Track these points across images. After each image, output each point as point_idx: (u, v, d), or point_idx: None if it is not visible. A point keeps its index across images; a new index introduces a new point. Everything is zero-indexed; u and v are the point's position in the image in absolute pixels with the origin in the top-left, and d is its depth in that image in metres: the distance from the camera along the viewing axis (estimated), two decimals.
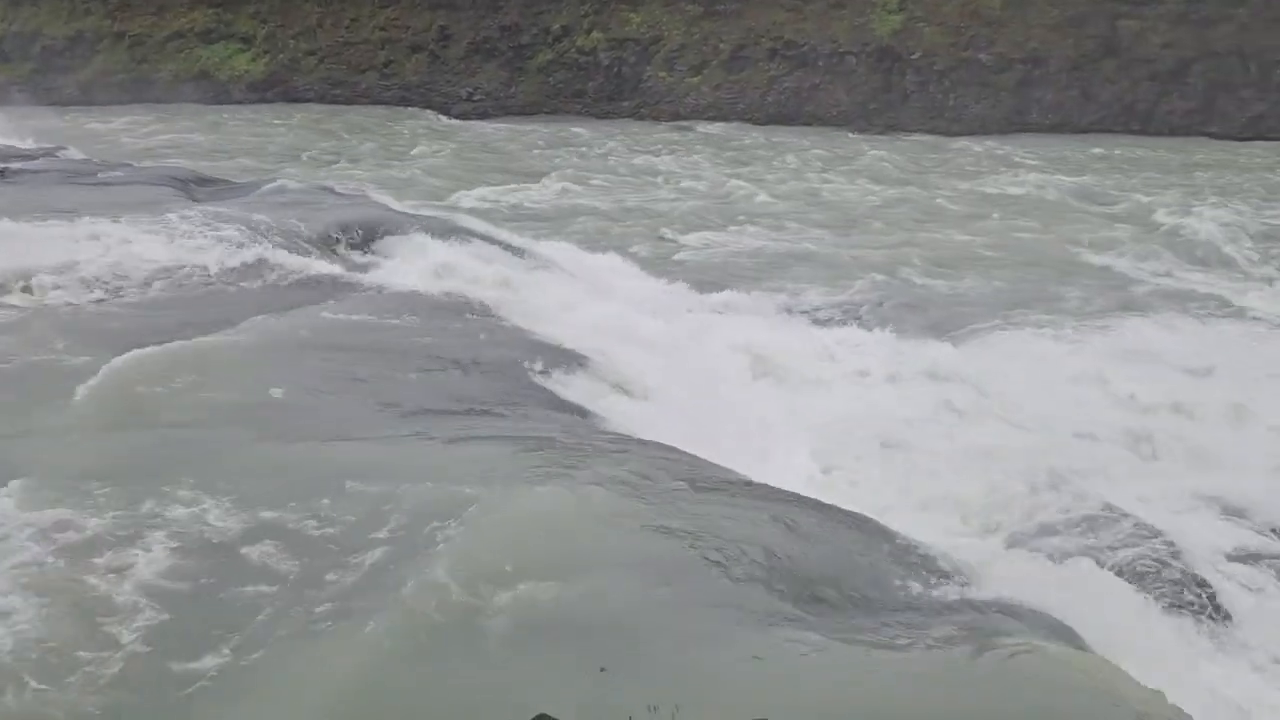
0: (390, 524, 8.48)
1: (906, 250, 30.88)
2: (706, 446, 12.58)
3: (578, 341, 16.79)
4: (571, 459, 10.13)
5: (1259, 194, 37.30)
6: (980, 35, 50.46)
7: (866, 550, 9.29)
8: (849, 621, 7.32)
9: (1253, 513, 16.04)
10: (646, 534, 8.32)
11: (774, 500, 10.04)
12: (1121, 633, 9.14)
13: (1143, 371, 21.69)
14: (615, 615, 7.02)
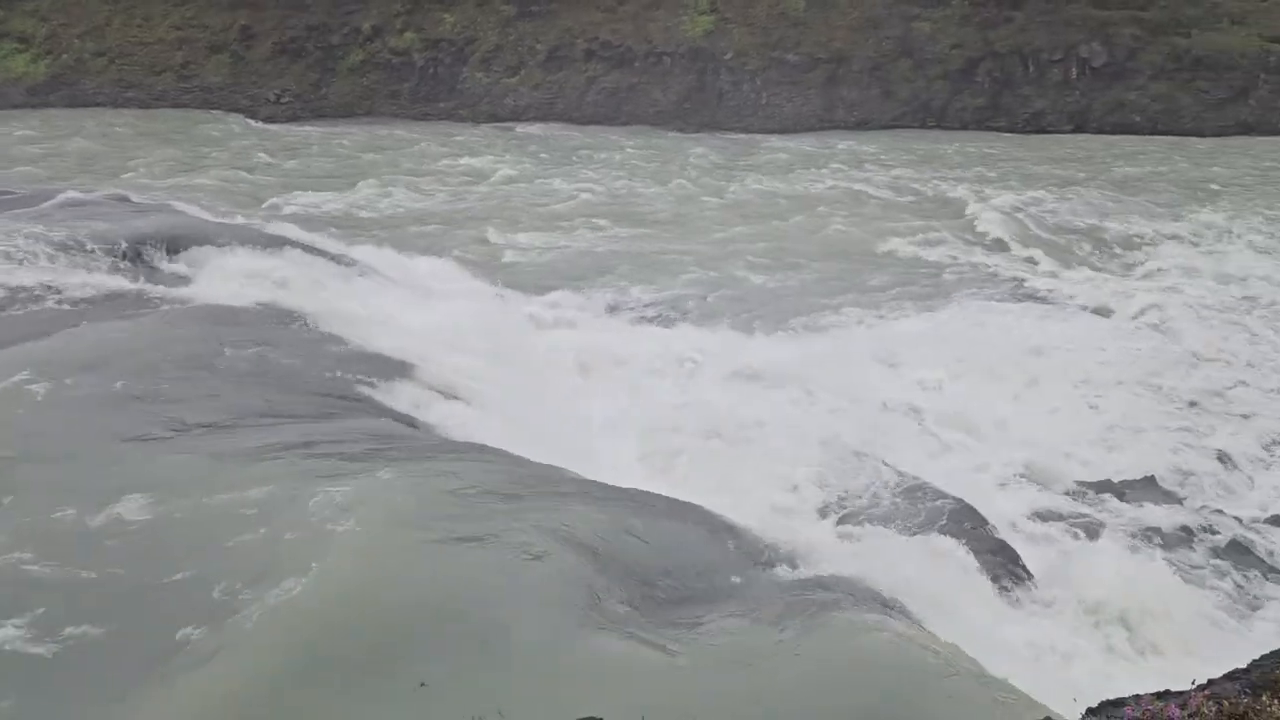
0: (191, 550, 8.01)
1: (727, 246, 31.70)
2: (537, 447, 12.52)
3: (402, 348, 16.37)
4: (395, 469, 9.83)
5: (1045, 183, 40.34)
6: (788, 36, 52.40)
7: (697, 539, 9.48)
8: (680, 612, 7.43)
9: (1048, 479, 17.39)
10: (473, 541, 8.18)
11: (605, 497, 10.09)
12: (941, 601, 9.69)
13: (946, 353, 23.10)
14: (438, 628, 6.87)
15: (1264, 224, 34.75)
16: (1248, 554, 15.59)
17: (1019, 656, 8.90)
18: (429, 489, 9.22)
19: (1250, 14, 52.02)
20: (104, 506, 8.52)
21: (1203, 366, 22.91)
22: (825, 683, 6.67)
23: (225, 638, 6.77)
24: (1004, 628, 10.09)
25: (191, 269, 19.65)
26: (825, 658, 6.86)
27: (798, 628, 7.24)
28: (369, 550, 8.16)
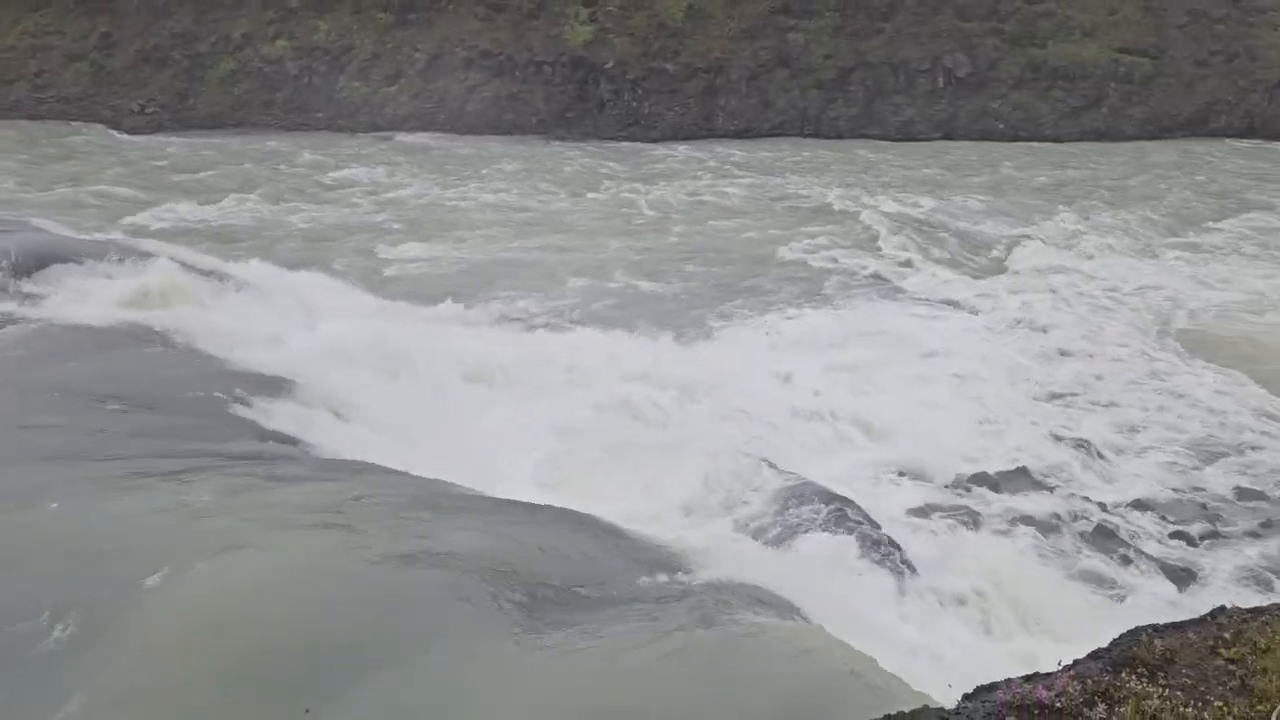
0: (57, 579, 7.59)
1: (614, 253, 31.88)
2: (429, 462, 12.35)
3: (283, 366, 15.89)
4: (277, 491, 9.55)
5: (918, 188, 41.89)
6: (667, 46, 53.02)
7: (589, 548, 9.50)
8: (573, 621, 7.43)
9: (928, 474, 18.03)
10: (362, 560, 8.01)
11: (500, 511, 10.03)
12: (829, 598, 9.96)
13: (831, 354, 23.74)
14: (325, 649, 6.71)
15: (1119, 224, 36.87)
16: (1113, 537, 16.49)
17: (904, 648, 9.22)
18: (314, 510, 8.99)
19: (1100, 27, 55.11)
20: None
21: (1068, 360, 24.12)
22: (718, 685, 6.78)
23: (95, 670, 6.46)
24: (890, 621, 10.43)
25: (51, 288, 18.64)
26: (717, 660, 6.98)
27: (689, 632, 7.34)
28: (249, 575, 7.91)
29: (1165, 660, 4.18)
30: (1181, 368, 23.72)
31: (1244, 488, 18.68)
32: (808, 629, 7.67)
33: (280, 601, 7.25)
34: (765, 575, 9.11)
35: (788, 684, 6.67)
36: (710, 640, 7.20)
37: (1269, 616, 4.48)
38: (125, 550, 7.93)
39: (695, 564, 9.28)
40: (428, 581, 7.74)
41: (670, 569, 9.36)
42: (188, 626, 6.81)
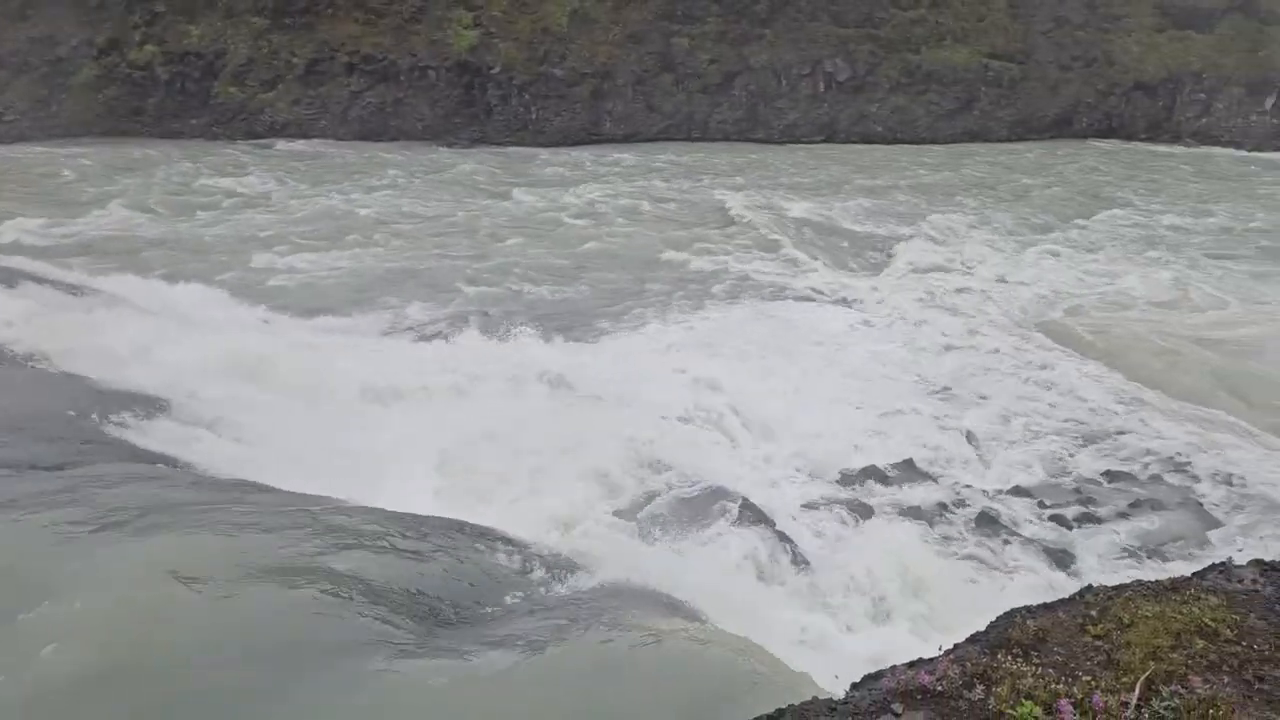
0: None
1: (507, 259, 31.65)
2: (316, 479, 12.01)
3: (159, 384, 15.25)
4: (153, 515, 9.11)
5: (804, 190, 42.82)
6: (553, 51, 52.90)
7: (490, 560, 9.38)
8: (472, 634, 7.32)
9: (821, 469, 18.44)
10: (245, 585, 7.71)
11: (391, 525, 9.80)
12: (727, 597, 10.06)
13: (726, 353, 24.07)
14: (210, 683, 6.44)
15: (994, 222, 38.37)
16: (994, 523, 17.12)
17: (798, 641, 9.38)
18: (192, 534, 8.62)
19: (970, 33, 57.34)
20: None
21: (949, 354, 24.95)
22: (613, 689, 6.77)
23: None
24: (784, 615, 10.60)
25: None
26: (616, 664, 6.97)
27: (589, 637, 7.31)
28: (112, 602, 7.50)
29: (1038, 640, 4.36)
30: (1054, 359, 24.80)
31: (1113, 470, 19.62)
32: (703, 628, 7.73)
33: (144, 630, 6.89)
34: (660, 576, 9.15)
35: (682, 684, 6.71)
36: (605, 645, 7.18)
37: (1131, 593, 4.72)
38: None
39: (590, 569, 9.26)
40: (311, 602, 7.49)
41: (565, 575, 9.32)
42: (48, 658, 6.44)
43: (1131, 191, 44.53)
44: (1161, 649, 4.19)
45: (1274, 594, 4.65)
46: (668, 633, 7.66)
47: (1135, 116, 57.44)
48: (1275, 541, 16.80)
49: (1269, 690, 3.97)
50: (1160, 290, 30.49)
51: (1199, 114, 57.62)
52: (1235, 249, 35.59)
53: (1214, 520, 17.75)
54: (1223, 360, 24.55)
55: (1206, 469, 19.35)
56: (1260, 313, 28.30)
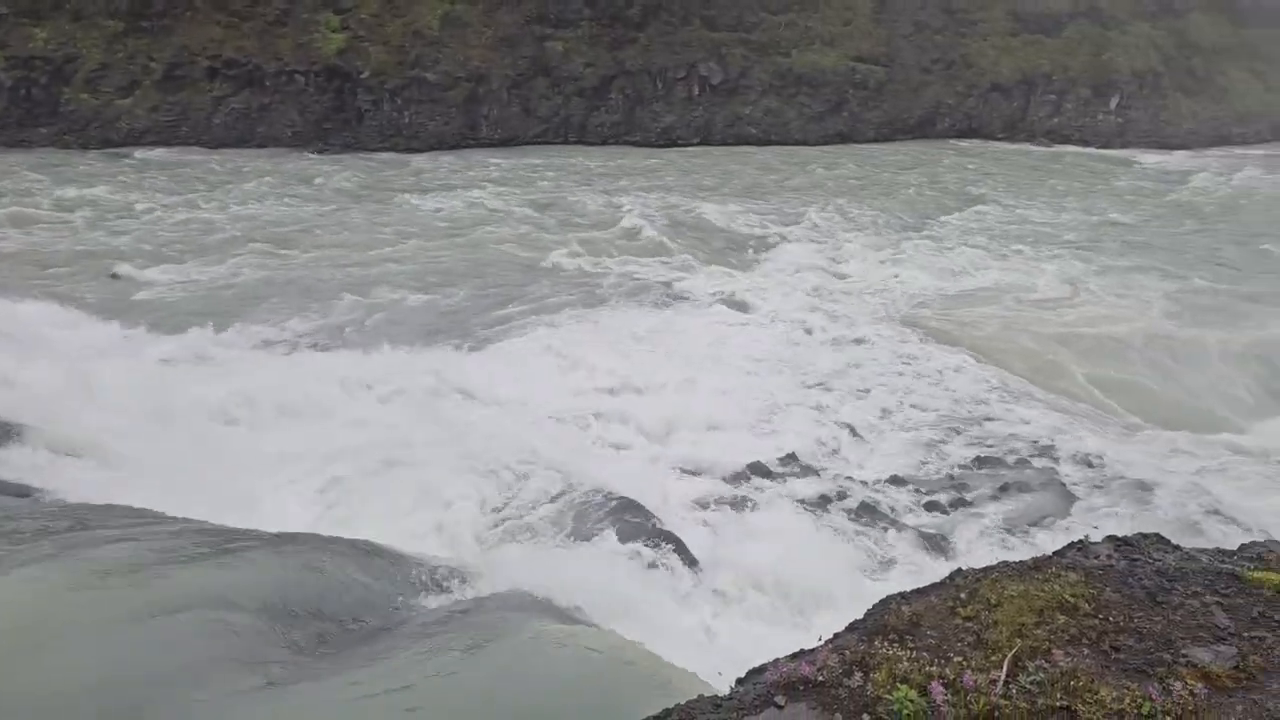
0: None
1: (382, 267, 31.00)
2: (188, 501, 11.50)
3: (10, 407, 14.37)
4: (12, 545, 8.60)
5: (683, 192, 43.29)
6: (425, 54, 52.06)
7: (373, 575, 9.16)
8: (360, 653, 7.14)
9: (707, 467, 18.68)
10: (119, 614, 7.34)
11: (269, 545, 9.47)
12: (618, 599, 10.07)
13: (611, 356, 24.12)
14: (71, 715, 6.10)
15: (866, 220, 39.57)
16: (875, 512, 17.65)
17: (687, 639, 9.47)
18: (57, 563, 8.16)
19: (838, 37, 59.03)
20: None
21: (827, 350, 25.60)
22: (504, 696, 6.71)
23: None
24: (673, 614, 10.69)
25: None
26: (503, 672, 6.90)
27: (474, 647, 7.22)
28: (11, 638, 7.07)
29: (912, 624, 4.52)
30: (927, 352, 25.73)
31: (983, 456, 20.48)
32: (593, 631, 7.72)
33: (31, 675, 6.50)
34: (550, 581, 9.11)
35: (570, 689, 6.70)
36: (492, 654, 7.11)
37: (998, 574, 4.93)
38: None
39: (479, 577, 9.15)
40: (186, 629, 7.17)
41: (453, 585, 9.19)
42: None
43: (992, 189, 46.59)
44: (1026, 626, 4.39)
45: (1127, 568, 4.93)
46: (556, 639, 7.63)
47: (992, 117, 60.12)
48: (1130, 517, 17.84)
49: (1124, 659, 4.22)
50: (1024, 283, 31.98)
51: (1050, 114, 60.73)
52: (1092, 242, 37.62)
53: (1075, 499, 18.72)
54: (1083, 349, 25.92)
55: (1068, 452, 20.39)
56: (1117, 304, 29.98)
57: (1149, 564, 4.98)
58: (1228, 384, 24.19)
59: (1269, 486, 19.19)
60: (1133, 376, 24.34)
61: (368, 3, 52.93)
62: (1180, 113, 62.15)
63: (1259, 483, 19.31)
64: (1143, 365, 24.95)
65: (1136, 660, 4.17)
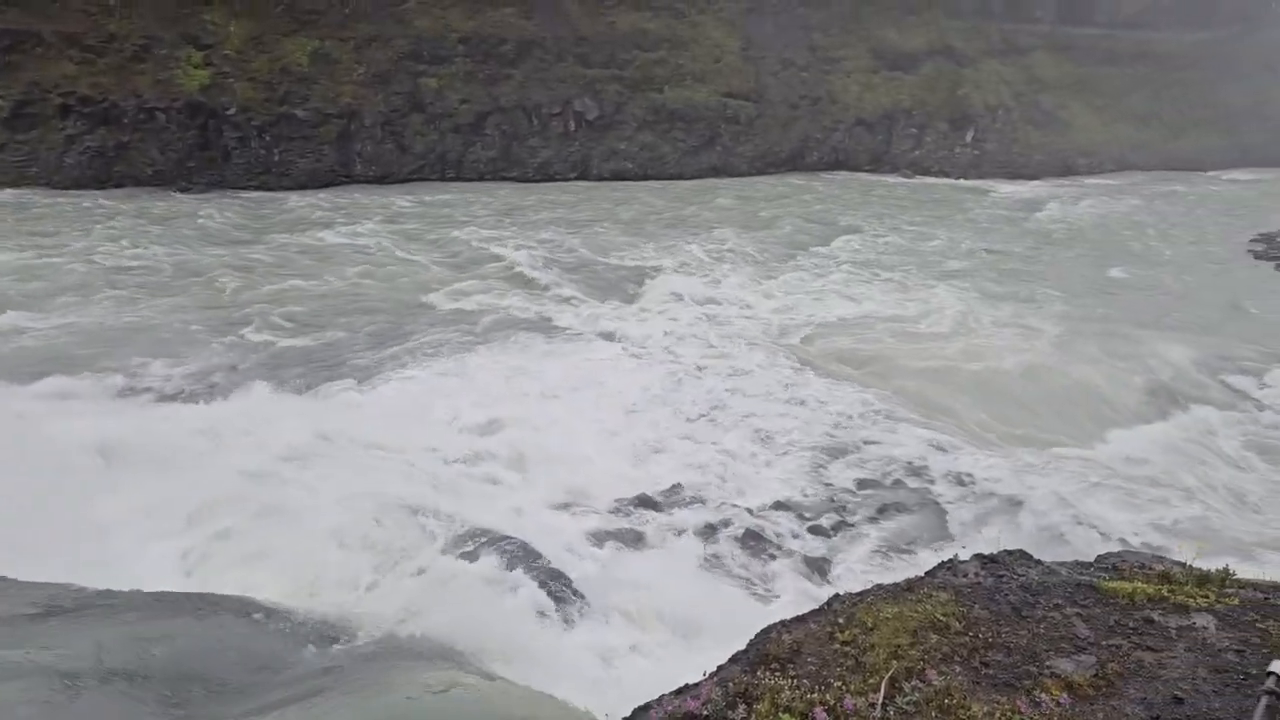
0: None
1: (253, 309, 30.00)
2: (39, 564, 10.80)
3: None
4: None
5: (561, 226, 43.38)
6: (294, 91, 50.94)
7: (249, 634, 8.77)
8: (225, 714, 6.80)
9: (592, 502, 18.64)
10: None
11: (132, 607, 8.97)
12: (504, 641, 9.90)
13: (491, 394, 23.87)
14: None
15: (742, 251, 40.41)
16: (760, 538, 17.90)
17: (575, 679, 9.36)
18: None
19: (709, 74, 60.44)
20: None
21: (709, 379, 25.95)
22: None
23: None
24: (561, 653, 10.57)
25: None
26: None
27: (355, 701, 6.97)
28: None
29: (794, 652, 4.58)
30: (805, 378, 26.35)
31: (863, 479, 21.04)
32: (479, 678, 7.56)
33: None
34: (433, 627, 8.89)
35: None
36: (377, 708, 6.87)
37: (873, 597, 5.06)
38: None
39: (358, 628, 8.86)
40: (37, 699, 6.71)
41: (333, 637, 8.88)
42: None
43: (862, 219, 48.28)
44: (902, 647, 4.51)
45: (994, 584, 5.13)
46: (440, 687, 7.44)
47: (858, 150, 62.46)
48: (1002, 530, 18.60)
49: (993, 674, 4.37)
50: (897, 309, 33.16)
51: (912, 147, 63.46)
52: (958, 269, 39.33)
53: (949, 517, 19.42)
54: (954, 372, 26.97)
55: (941, 471, 21.15)
56: (985, 327, 31.36)
57: (1014, 579, 5.19)
58: (1087, 401, 25.55)
59: (1124, 497, 20.30)
60: (1001, 397, 25.45)
61: (232, 39, 51.56)
62: (1030, 145, 65.81)
63: (1115, 494, 20.41)
64: (1010, 385, 26.13)
65: (1005, 674, 4.32)
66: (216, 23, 51.93)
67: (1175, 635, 4.70)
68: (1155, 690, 4.35)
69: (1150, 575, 5.60)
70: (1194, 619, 4.87)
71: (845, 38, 64.95)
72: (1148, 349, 29.33)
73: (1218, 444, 23.30)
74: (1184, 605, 5.03)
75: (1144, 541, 18.13)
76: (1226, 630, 4.85)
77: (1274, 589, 5.83)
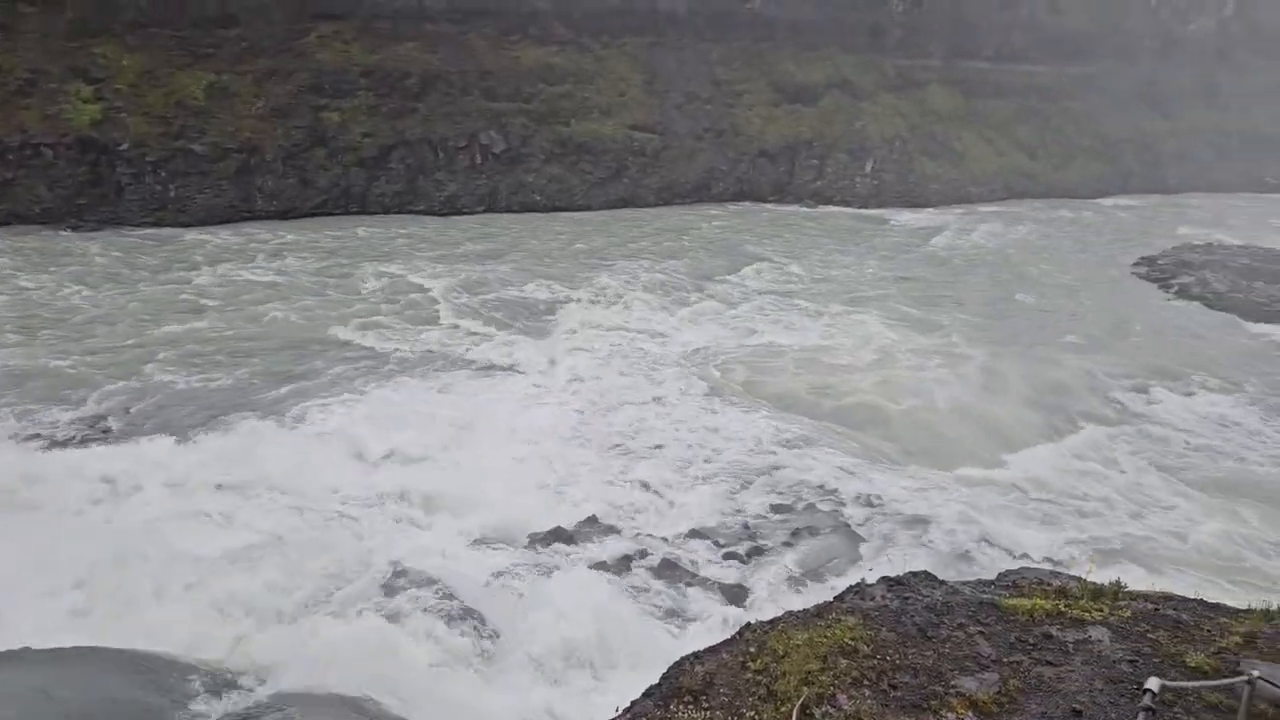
0: None
1: (150, 350, 28.96)
2: None
3: None
4: None
5: (470, 260, 43.01)
6: (190, 125, 49.65)
7: (139, 687, 8.40)
8: None
9: (507, 538, 18.40)
10: None
11: (17, 665, 8.51)
12: (415, 686, 9.67)
13: (396, 434, 23.37)
14: None
15: (652, 281, 40.65)
16: (676, 568, 17.92)
17: (491, 718, 9.20)
18: None
19: (614, 107, 61.01)
20: None
21: (621, 410, 25.97)
22: None
23: None
24: (481, 693, 10.38)
25: None
26: None
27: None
28: None
29: (706, 683, 4.59)
30: (716, 406, 26.58)
31: (776, 504, 21.30)
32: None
33: None
34: (341, 675, 8.64)
35: None
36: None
37: (784, 624, 5.11)
38: None
39: (262, 679, 8.56)
40: None
41: (236, 688, 8.56)
42: None
43: (768, 248, 49.12)
44: (813, 673, 4.56)
45: (900, 606, 5.23)
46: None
47: (762, 181, 63.67)
48: (910, 550, 19.01)
49: (901, 695, 4.45)
50: (804, 335, 33.74)
51: (814, 177, 64.99)
52: (864, 295, 40.25)
53: (860, 538, 19.77)
54: (862, 395, 27.54)
55: (852, 494, 21.55)
56: (890, 351, 32.11)
57: (919, 600, 5.30)
58: (987, 422, 26.36)
59: (1025, 514, 20.98)
60: (908, 420, 26.07)
61: (124, 72, 50.05)
62: (926, 174, 68.04)
63: (1016, 511, 21.08)
64: (917, 409, 26.78)
65: (913, 696, 4.41)
66: (108, 56, 50.39)
67: (1073, 649, 4.86)
68: (1055, 704, 4.48)
69: (1048, 591, 5.78)
70: (1089, 632, 5.04)
71: (747, 71, 66.36)
72: (1047, 370, 30.46)
73: (1111, 458, 24.28)
74: (1080, 619, 5.21)
75: (1045, 556, 18.73)
76: (1120, 642, 5.03)
77: (1163, 599, 6.08)
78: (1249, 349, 34.84)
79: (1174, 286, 43.82)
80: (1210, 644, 5.17)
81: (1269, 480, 23.31)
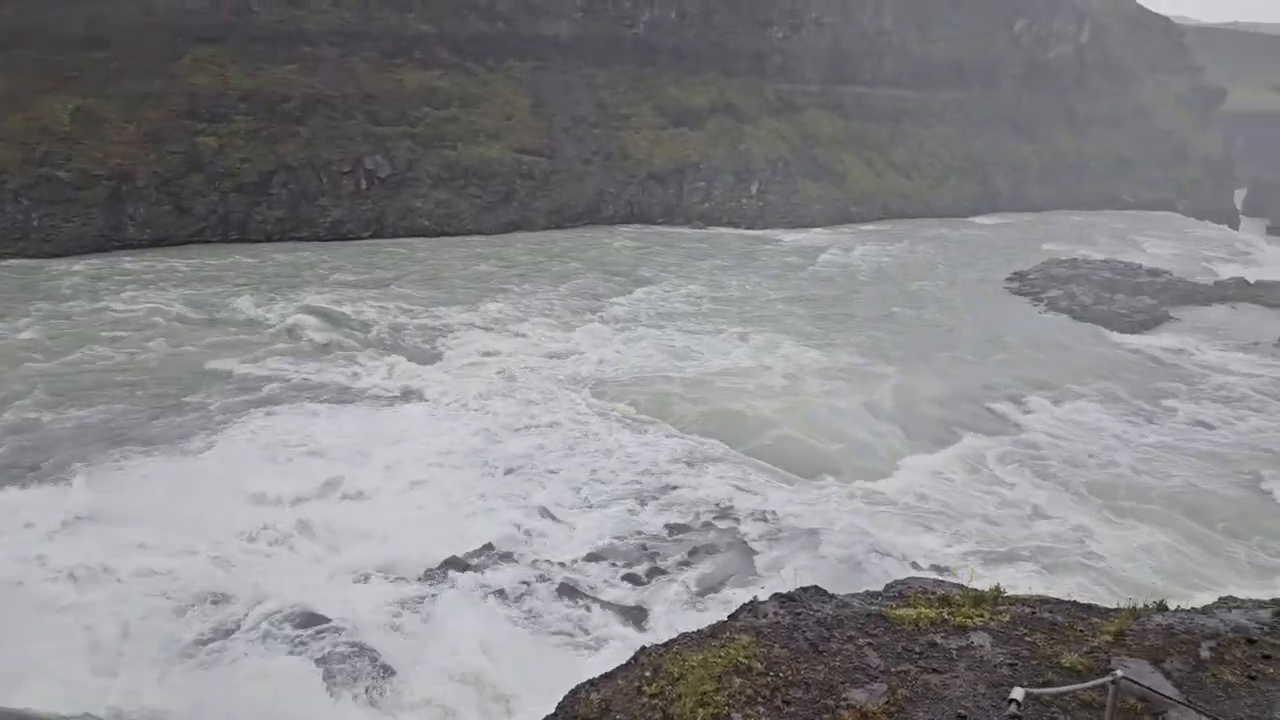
0: None
1: (15, 386, 27.42)
2: None
3: None
4: None
5: (357, 286, 42.10)
6: (55, 151, 47.40)
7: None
8: None
9: (400, 569, 17.97)
10: None
11: None
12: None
13: (284, 466, 22.70)
14: None
15: (544, 304, 40.56)
16: (575, 592, 17.84)
17: None
18: None
19: (501, 131, 60.82)
20: None
21: (516, 435, 25.77)
22: None
23: None
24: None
25: None
26: None
27: None
28: None
29: (603, 711, 4.58)
30: (610, 429, 26.64)
31: (673, 523, 21.43)
32: None
33: None
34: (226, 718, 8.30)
35: None
36: None
37: (679, 646, 5.14)
38: None
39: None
40: None
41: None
42: None
43: (659, 269, 49.59)
44: (708, 694, 4.60)
45: (792, 622, 5.33)
46: None
47: (651, 203, 64.34)
48: (804, 563, 19.37)
49: (794, 711, 4.53)
50: (697, 355, 34.12)
51: (702, 199, 66.01)
52: (754, 313, 40.95)
53: (756, 554, 20.06)
54: (754, 413, 27.97)
55: (746, 510, 21.86)
56: (780, 368, 32.72)
57: (811, 615, 5.41)
58: (874, 435, 27.12)
59: (911, 523, 21.64)
60: (800, 436, 26.59)
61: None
62: (809, 195, 69.90)
63: (902, 520, 21.72)
64: (807, 425, 27.34)
65: (805, 710, 4.49)
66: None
67: (956, 656, 5.03)
68: (941, 711, 4.63)
69: (933, 599, 5.98)
70: (971, 638, 5.23)
71: (632, 95, 67.07)
72: (929, 383, 31.54)
73: (990, 467, 25.27)
74: (963, 626, 5.40)
75: (932, 563, 19.33)
76: (1000, 646, 5.23)
77: (1040, 602, 6.35)
78: (1113, 358, 36.82)
79: (1044, 300, 45.99)
80: (1083, 644, 5.42)
81: (1139, 482, 24.61)
